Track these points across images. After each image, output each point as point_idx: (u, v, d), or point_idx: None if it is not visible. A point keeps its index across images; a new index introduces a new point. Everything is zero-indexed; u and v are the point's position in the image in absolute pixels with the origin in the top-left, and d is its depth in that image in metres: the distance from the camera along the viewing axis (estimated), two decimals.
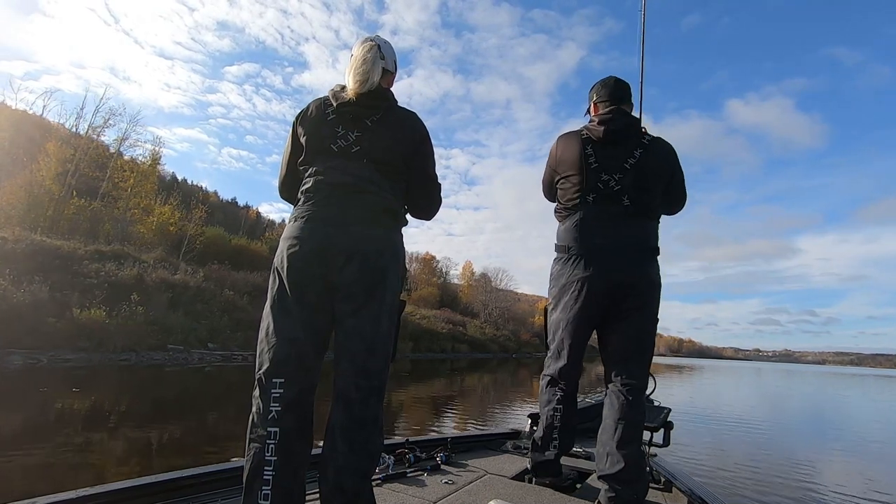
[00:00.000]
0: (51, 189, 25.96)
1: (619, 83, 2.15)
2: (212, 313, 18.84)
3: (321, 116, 1.59)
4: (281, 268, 1.48)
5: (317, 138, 1.56)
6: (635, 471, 1.87)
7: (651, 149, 2.03)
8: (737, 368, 75.53)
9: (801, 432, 10.15)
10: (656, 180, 2.03)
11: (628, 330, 2.02)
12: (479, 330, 48.50)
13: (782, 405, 16.55)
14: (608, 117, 2.05)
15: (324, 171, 1.53)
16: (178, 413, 7.61)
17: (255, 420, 1.42)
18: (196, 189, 51.86)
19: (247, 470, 1.39)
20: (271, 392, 1.41)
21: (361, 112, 1.57)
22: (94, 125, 32.77)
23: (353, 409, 1.45)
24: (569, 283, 2.04)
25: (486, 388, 16.22)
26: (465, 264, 66.49)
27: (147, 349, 14.71)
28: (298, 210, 1.54)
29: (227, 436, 5.98)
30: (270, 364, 1.43)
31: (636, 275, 1.98)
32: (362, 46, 1.61)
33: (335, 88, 1.63)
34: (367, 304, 1.47)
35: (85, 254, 17.78)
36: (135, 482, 1.69)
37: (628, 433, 1.92)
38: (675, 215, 2.26)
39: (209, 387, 11.57)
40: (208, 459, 3.22)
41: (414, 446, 2.62)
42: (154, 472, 1.84)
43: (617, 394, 2.00)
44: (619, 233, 2.00)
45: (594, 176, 2.02)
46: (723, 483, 5.06)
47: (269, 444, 1.38)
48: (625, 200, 1.99)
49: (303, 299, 1.46)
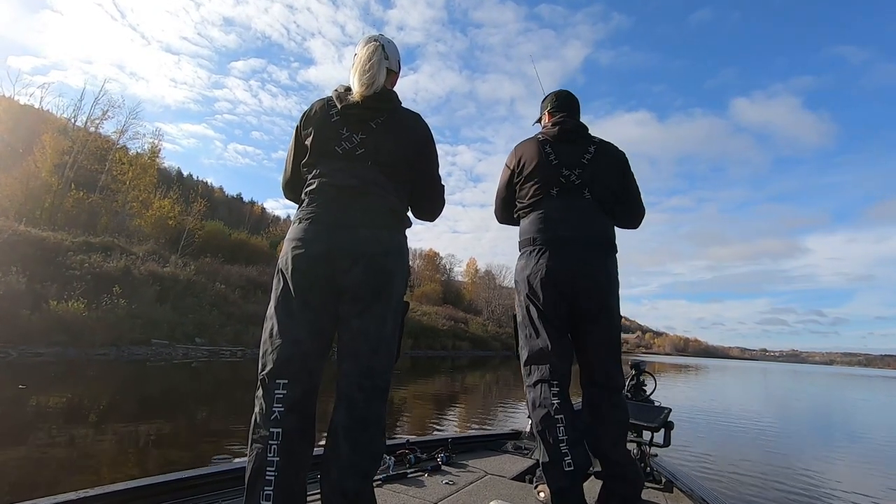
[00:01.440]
0: (47, 181, 25.68)
1: (570, 95, 2.30)
2: (201, 307, 18.37)
3: (325, 118, 1.59)
4: (286, 269, 1.48)
5: (321, 140, 1.57)
6: (632, 469, 1.94)
7: (602, 147, 2.14)
8: (743, 368, 75.51)
9: (807, 434, 9.93)
10: (610, 177, 2.11)
11: (599, 332, 2.02)
12: (481, 327, 47.93)
13: (788, 406, 16.15)
14: (561, 120, 2.18)
15: (328, 174, 1.53)
16: (147, 412, 7.06)
17: (257, 420, 1.42)
18: (197, 183, 51.43)
19: (249, 470, 1.39)
20: (274, 393, 1.41)
21: (366, 114, 1.57)
22: (92, 117, 32.65)
23: (356, 410, 1.46)
24: (534, 272, 2.01)
25: (487, 387, 15.81)
26: (469, 261, 66.34)
27: (129, 344, 14.22)
28: (303, 212, 1.53)
29: (197, 439, 5.53)
30: (274, 365, 1.43)
31: (598, 267, 2.01)
32: (366, 47, 1.61)
33: (339, 90, 1.62)
34: (373, 306, 1.48)
35: (72, 245, 17.33)
36: (136, 483, 1.70)
37: (619, 433, 1.98)
38: (636, 228, 2.29)
39: (189, 383, 11.06)
40: (176, 465, 3.04)
41: (414, 447, 2.62)
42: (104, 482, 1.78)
43: (598, 397, 2.00)
44: (582, 224, 2.03)
45: (556, 171, 2.07)
46: (726, 483, 5.00)
47: (272, 444, 1.37)
48: (586, 194, 2.06)
49: (307, 301, 1.46)
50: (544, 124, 2.28)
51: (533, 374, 2.01)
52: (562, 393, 1.95)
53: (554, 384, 1.95)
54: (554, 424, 1.89)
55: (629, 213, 2.22)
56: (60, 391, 8.24)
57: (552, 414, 1.90)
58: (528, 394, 2.03)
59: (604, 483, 1.95)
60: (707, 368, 56.24)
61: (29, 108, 30.88)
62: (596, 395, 2.00)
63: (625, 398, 2.11)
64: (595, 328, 2.00)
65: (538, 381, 1.98)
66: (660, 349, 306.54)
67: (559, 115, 2.22)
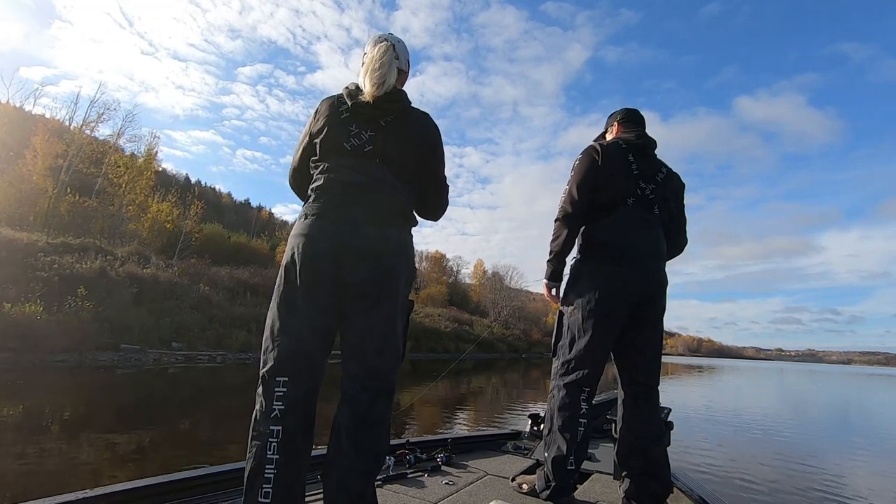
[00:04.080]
0: (39, 184, 25.30)
1: (640, 113, 2.31)
2: (181, 310, 17.45)
3: (335, 114, 1.58)
4: (291, 265, 1.46)
5: (330, 136, 1.56)
6: (667, 471, 2.05)
7: (670, 170, 2.21)
8: (758, 368, 74.28)
9: (820, 436, 9.43)
10: (673, 200, 2.21)
11: (653, 335, 2.12)
12: (486, 329, 46.72)
13: (800, 407, 15.23)
14: (641, 133, 2.22)
15: (336, 169, 1.52)
16: (97, 422, 6.17)
17: (257, 418, 1.42)
18: (196, 186, 50.94)
19: (248, 468, 1.39)
20: (275, 391, 1.41)
21: (376, 113, 1.56)
22: (88, 120, 32.14)
23: (360, 410, 1.45)
24: (605, 280, 2.04)
25: (494, 390, 15.04)
26: (476, 263, 65.27)
27: (95, 349, 13.29)
28: (309, 207, 1.52)
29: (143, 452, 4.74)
30: (275, 362, 1.42)
31: (664, 279, 2.12)
32: (377, 47, 1.60)
33: (350, 87, 1.61)
34: (379, 305, 1.47)
35: (46, 246, 16.54)
36: (136, 483, 1.70)
37: (661, 431, 2.10)
38: (677, 255, 2.35)
39: (152, 391, 10.05)
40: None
41: (414, 447, 2.61)
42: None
43: (643, 396, 2.10)
44: (653, 237, 2.10)
45: (635, 182, 2.10)
46: (726, 483, 4.97)
47: (272, 442, 1.37)
48: (655, 209, 2.13)
49: (311, 298, 1.44)
50: (618, 135, 2.25)
51: (569, 374, 2.07)
52: (589, 399, 2.06)
53: (586, 390, 2.05)
54: (576, 428, 2.01)
55: (675, 241, 2.27)
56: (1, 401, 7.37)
57: (578, 418, 2.01)
58: (557, 391, 2.08)
59: (633, 481, 2.01)
60: (721, 369, 54.52)
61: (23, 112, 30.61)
62: (641, 395, 2.09)
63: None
64: (649, 333, 2.10)
65: (572, 384, 2.05)
66: (672, 350, 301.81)
67: (635, 128, 2.24)
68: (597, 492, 2.07)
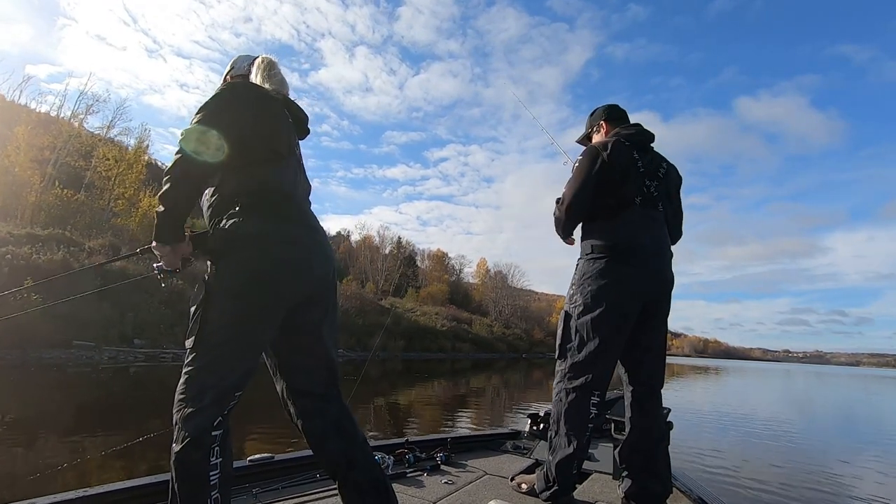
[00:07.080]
0: (21, 177, 24.49)
1: (623, 108, 2.28)
2: (150, 305, 16.36)
3: (280, 116, 1.55)
4: (259, 279, 1.31)
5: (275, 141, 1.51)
6: (668, 472, 2.05)
7: (670, 164, 2.20)
8: (765, 370, 72.92)
9: (824, 439, 9.14)
10: (674, 195, 2.19)
11: (657, 337, 2.09)
12: (485, 328, 45.56)
13: (805, 410, 14.60)
14: (641, 128, 2.18)
15: (280, 175, 1.46)
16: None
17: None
18: None
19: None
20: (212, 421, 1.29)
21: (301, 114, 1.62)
22: (76, 112, 31.29)
23: (340, 404, 1.48)
24: (615, 282, 2.00)
25: (494, 390, 14.47)
26: (479, 261, 64.34)
27: (42, 346, 12.18)
28: (267, 215, 1.37)
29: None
30: (213, 403, 1.26)
31: (671, 279, 2.10)
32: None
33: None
34: (334, 310, 1.49)
35: (8, 237, 15.49)
36: (136, 483, 1.70)
37: (664, 431, 2.10)
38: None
39: (97, 391, 8.92)
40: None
41: (413, 446, 2.59)
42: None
43: (646, 396, 2.08)
44: (661, 236, 2.09)
45: (641, 180, 2.07)
46: (729, 484, 4.91)
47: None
48: (660, 206, 2.10)
49: (276, 316, 1.33)
50: (614, 133, 2.18)
51: (579, 377, 2.02)
52: (599, 404, 2.02)
53: (596, 394, 2.01)
54: (584, 431, 2.00)
55: (673, 237, 2.22)
56: None
57: (587, 423, 2.01)
58: (566, 394, 2.04)
59: (633, 480, 2.02)
60: (728, 370, 53.09)
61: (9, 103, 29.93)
62: (645, 395, 2.08)
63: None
64: (655, 334, 2.08)
65: (582, 387, 2.00)
66: (678, 350, 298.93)
67: (630, 124, 2.20)
68: (596, 491, 2.15)
